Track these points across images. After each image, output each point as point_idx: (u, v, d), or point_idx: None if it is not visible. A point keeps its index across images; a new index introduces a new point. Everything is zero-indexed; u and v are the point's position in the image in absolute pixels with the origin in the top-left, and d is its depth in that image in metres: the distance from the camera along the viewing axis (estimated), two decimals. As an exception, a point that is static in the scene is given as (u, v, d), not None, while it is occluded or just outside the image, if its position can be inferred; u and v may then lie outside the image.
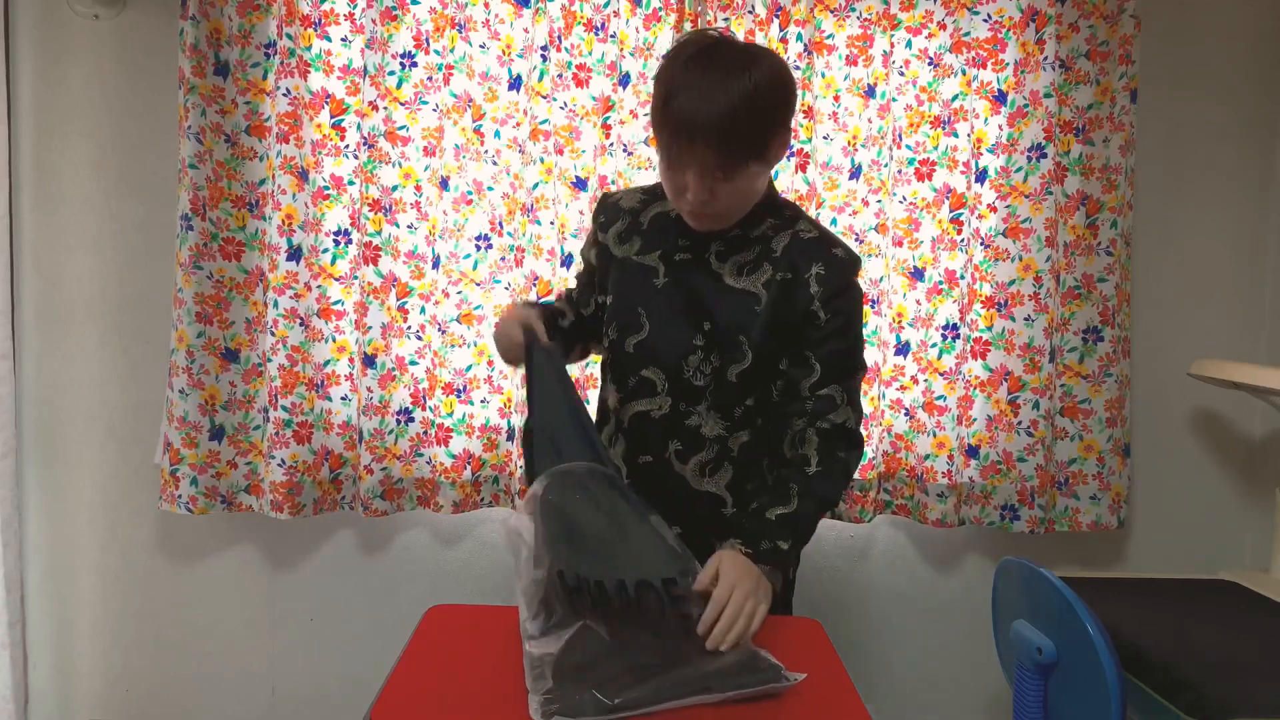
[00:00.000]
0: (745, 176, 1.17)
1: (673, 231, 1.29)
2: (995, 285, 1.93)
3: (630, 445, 1.31)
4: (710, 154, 1.12)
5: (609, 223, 1.35)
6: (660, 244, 1.30)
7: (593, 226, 1.39)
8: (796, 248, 1.25)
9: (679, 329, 1.26)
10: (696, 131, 1.11)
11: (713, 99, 1.10)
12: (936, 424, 1.96)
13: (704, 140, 1.11)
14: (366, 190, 1.86)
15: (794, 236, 1.26)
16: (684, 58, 1.14)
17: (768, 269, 1.24)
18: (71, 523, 2.02)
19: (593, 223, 1.39)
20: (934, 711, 2.10)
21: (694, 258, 1.27)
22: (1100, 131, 1.90)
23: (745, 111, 1.11)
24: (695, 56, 1.13)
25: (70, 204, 1.96)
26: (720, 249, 1.26)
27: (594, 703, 0.88)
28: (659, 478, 1.29)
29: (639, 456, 1.30)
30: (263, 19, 1.84)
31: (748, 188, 1.20)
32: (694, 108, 1.11)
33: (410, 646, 1.07)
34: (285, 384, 1.86)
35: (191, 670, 2.06)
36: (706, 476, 1.28)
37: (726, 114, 1.10)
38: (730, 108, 1.10)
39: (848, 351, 1.26)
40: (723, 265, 1.26)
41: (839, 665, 1.05)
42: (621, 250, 1.32)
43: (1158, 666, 1.32)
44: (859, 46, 1.91)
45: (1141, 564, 2.08)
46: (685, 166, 1.15)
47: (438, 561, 2.06)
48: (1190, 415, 2.08)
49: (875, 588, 2.09)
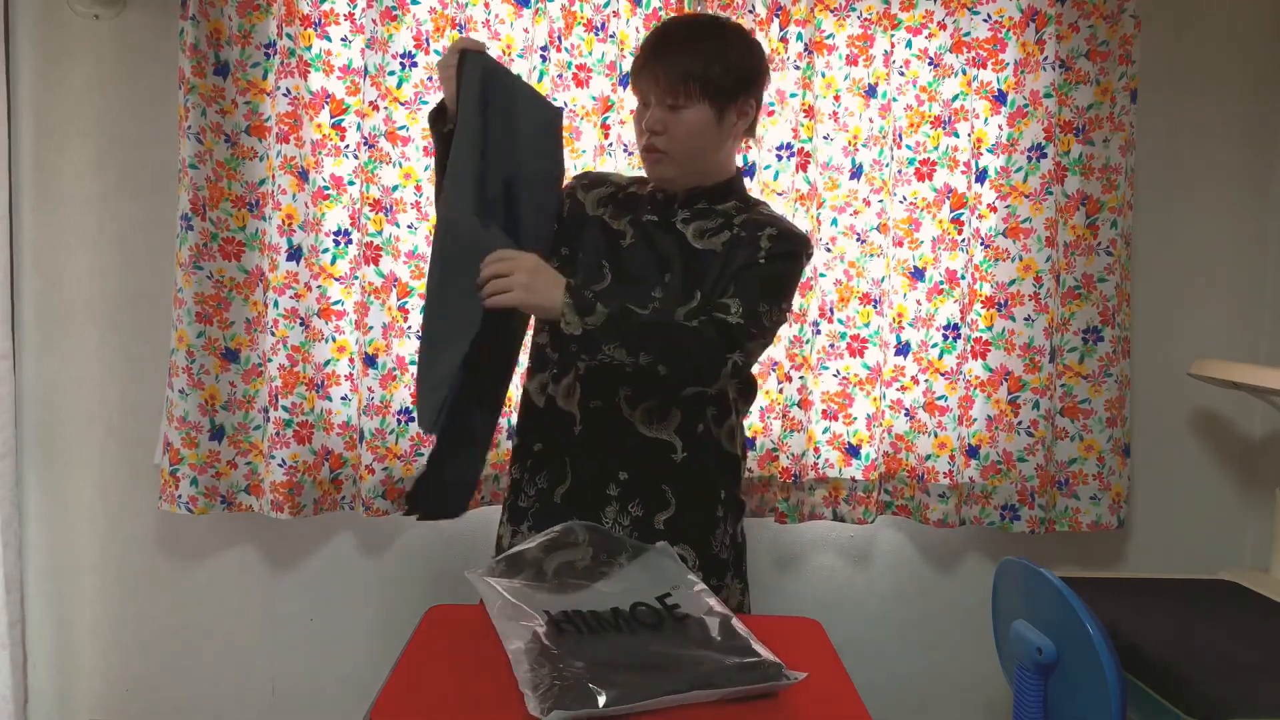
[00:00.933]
0: (695, 112, 1.28)
1: (644, 202, 1.41)
2: (995, 285, 1.93)
3: (584, 391, 1.35)
4: (662, 73, 1.26)
5: (592, 185, 1.46)
6: (631, 211, 1.40)
7: (571, 184, 1.48)
8: (755, 222, 1.35)
9: (640, 281, 1.34)
10: (658, 49, 1.28)
11: (680, 27, 1.33)
12: (938, 424, 1.96)
13: (661, 59, 1.27)
14: (367, 190, 1.86)
15: (752, 215, 1.37)
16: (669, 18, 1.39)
17: (727, 233, 1.34)
18: (71, 522, 2.02)
19: (574, 181, 1.49)
20: (934, 711, 2.10)
21: (661, 220, 1.38)
22: (1100, 131, 1.90)
23: (697, 43, 1.28)
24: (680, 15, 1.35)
25: (70, 204, 1.96)
26: (686, 216, 1.37)
27: (593, 697, 0.88)
28: (610, 424, 1.34)
29: (590, 401, 1.35)
30: (263, 19, 1.84)
31: (697, 127, 1.29)
32: (658, 33, 1.33)
33: (410, 646, 1.07)
34: (285, 384, 1.86)
35: (191, 670, 2.06)
36: (655, 423, 1.34)
37: (683, 33, 1.30)
38: (688, 34, 1.30)
39: (763, 289, 1.29)
40: (687, 228, 1.36)
41: (839, 665, 1.05)
42: (596, 211, 1.42)
43: (1158, 666, 1.32)
44: (859, 46, 1.91)
45: (1141, 564, 2.08)
46: (647, 91, 1.29)
47: (438, 561, 2.06)
48: (1190, 415, 2.08)
49: (875, 588, 2.09)
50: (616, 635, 1.02)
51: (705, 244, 1.34)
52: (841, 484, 1.97)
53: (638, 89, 1.32)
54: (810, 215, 1.90)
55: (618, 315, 1.21)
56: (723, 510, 1.39)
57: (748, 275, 1.30)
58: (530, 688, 0.90)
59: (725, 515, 1.40)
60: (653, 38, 1.33)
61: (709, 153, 1.35)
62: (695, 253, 1.34)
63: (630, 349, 1.20)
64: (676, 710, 0.90)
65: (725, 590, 1.39)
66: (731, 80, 1.29)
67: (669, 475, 1.34)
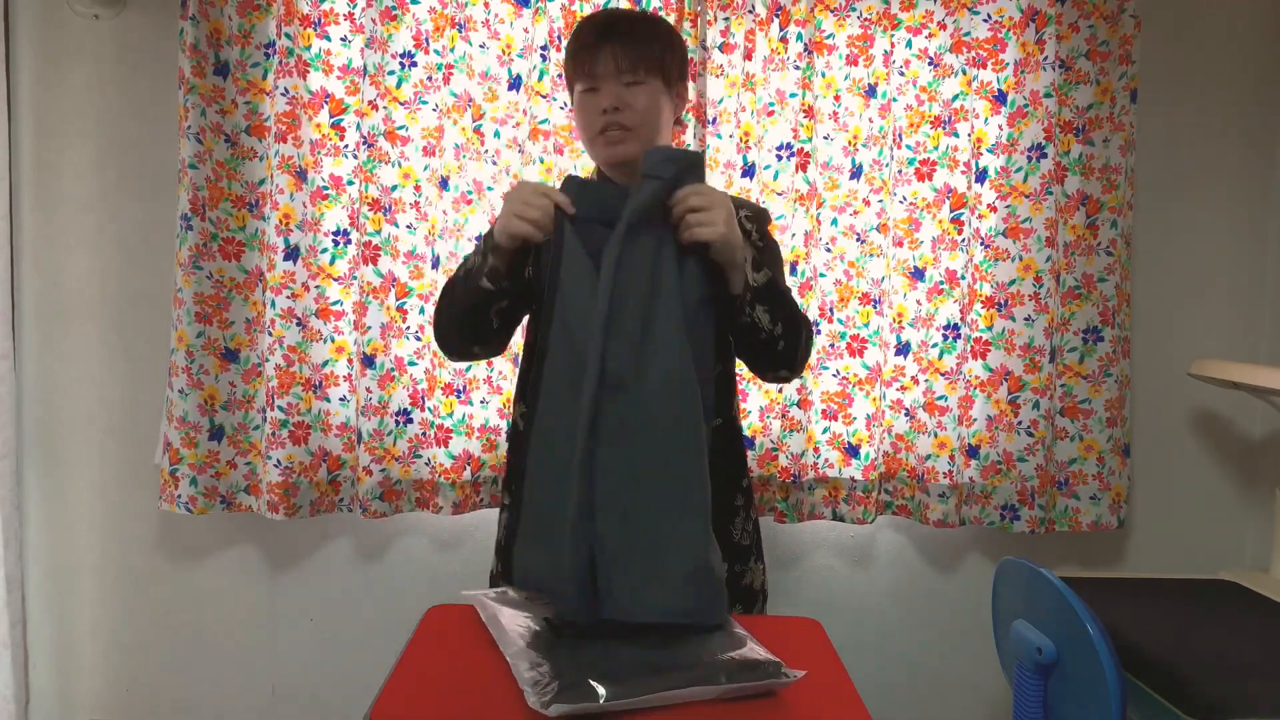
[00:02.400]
0: (651, 88, 1.29)
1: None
2: (995, 285, 1.93)
3: None
4: (619, 50, 1.27)
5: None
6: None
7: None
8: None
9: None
10: (608, 30, 1.29)
11: (616, 14, 1.36)
12: (938, 424, 1.96)
13: (615, 38, 1.27)
14: (366, 190, 1.86)
15: None
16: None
17: None
18: (71, 523, 2.02)
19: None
20: (934, 711, 2.10)
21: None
22: (1100, 131, 1.90)
23: (645, 24, 1.32)
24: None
25: (70, 204, 1.96)
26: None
27: (592, 691, 0.88)
28: None
29: None
30: (262, 19, 1.84)
31: (653, 105, 1.30)
32: (602, 18, 1.33)
33: (410, 646, 1.06)
34: (282, 384, 1.86)
35: (191, 670, 2.06)
36: None
37: (629, 17, 1.34)
38: (632, 14, 1.35)
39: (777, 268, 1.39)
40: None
41: (839, 665, 1.05)
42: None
43: (1158, 666, 1.32)
44: (859, 46, 1.91)
45: (1141, 564, 2.08)
46: (597, 77, 1.28)
47: (437, 562, 2.06)
48: (1190, 415, 2.08)
49: (875, 588, 2.09)
50: (615, 636, 1.02)
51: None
52: (841, 484, 1.97)
53: (587, 72, 1.28)
54: (810, 215, 1.90)
55: (772, 280, 1.23)
56: (742, 499, 1.40)
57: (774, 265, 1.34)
58: (530, 684, 0.90)
59: (744, 503, 1.40)
60: (593, 25, 1.31)
61: (660, 134, 1.33)
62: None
63: (773, 315, 1.22)
64: (676, 708, 0.90)
65: (750, 574, 1.39)
66: (678, 63, 1.34)
67: None
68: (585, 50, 1.29)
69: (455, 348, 1.36)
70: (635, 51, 1.27)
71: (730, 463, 1.38)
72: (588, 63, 1.28)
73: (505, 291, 1.24)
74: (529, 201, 1.13)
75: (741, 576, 1.38)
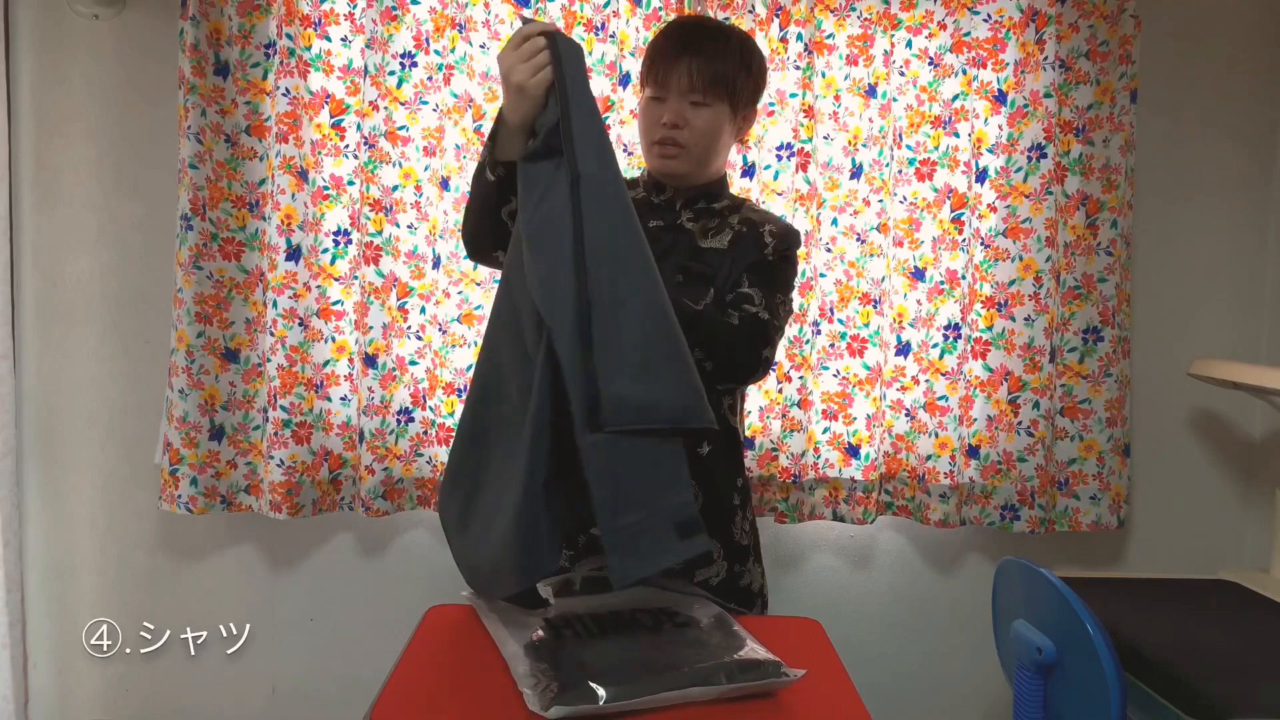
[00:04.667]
0: (716, 112, 1.32)
1: (646, 209, 1.39)
2: (995, 285, 1.93)
3: None
4: (694, 67, 1.28)
5: None
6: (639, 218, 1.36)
7: None
8: (751, 219, 1.39)
9: None
10: (687, 45, 1.30)
11: (702, 28, 1.38)
12: (938, 424, 1.96)
13: (692, 53, 1.29)
14: (367, 190, 1.86)
15: (746, 213, 1.41)
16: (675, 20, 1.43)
17: (729, 231, 1.37)
18: (71, 523, 2.02)
19: None
20: (934, 711, 2.10)
21: (667, 224, 1.39)
22: (1100, 131, 1.90)
23: (727, 44, 1.32)
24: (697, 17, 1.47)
25: (70, 204, 1.96)
26: (690, 216, 1.40)
27: (592, 693, 0.88)
28: None
29: None
30: (263, 19, 1.84)
31: (713, 128, 1.33)
32: (685, 29, 1.35)
33: (410, 646, 1.07)
34: (284, 384, 1.86)
35: (191, 670, 2.06)
36: None
37: (712, 33, 1.35)
38: (715, 35, 1.34)
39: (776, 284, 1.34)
40: (695, 226, 1.39)
41: (839, 665, 1.05)
42: None
43: (1158, 666, 1.32)
44: (859, 46, 1.91)
45: (1141, 564, 2.08)
46: (668, 87, 1.30)
47: (438, 561, 2.06)
48: (1190, 415, 2.08)
49: (875, 588, 2.09)
50: (614, 637, 1.02)
51: (710, 243, 1.36)
52: (841, 484, 1.97)
53: (658, 81, 1.31)
54: (810, 215, 1.90)
55: (695, 312, 1.23)
56: (739, 498, 1.40)
57: (760, 271, 1.33)
58: (529, 686, 0.90)
59: (741, 502, 1.41)
60: (677, 33, 1.34)
61: (718, 154, 1.38)
62: (702, 251, 1.36)
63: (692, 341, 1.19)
64: (676, 708, 0.90)
65: (748, 575, 1.39)
66: (750, 88, 1.36)
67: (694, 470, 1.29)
68: (661, 59, 1.31)
69: (482, 249, 1.34)
70: (709, 71, 1.29)
71: (727, 463, 1.38)
72: (660, 72, 1.31)
73: (507, 184, 1.19)
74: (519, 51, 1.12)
75: (740, 577, 1.38)
